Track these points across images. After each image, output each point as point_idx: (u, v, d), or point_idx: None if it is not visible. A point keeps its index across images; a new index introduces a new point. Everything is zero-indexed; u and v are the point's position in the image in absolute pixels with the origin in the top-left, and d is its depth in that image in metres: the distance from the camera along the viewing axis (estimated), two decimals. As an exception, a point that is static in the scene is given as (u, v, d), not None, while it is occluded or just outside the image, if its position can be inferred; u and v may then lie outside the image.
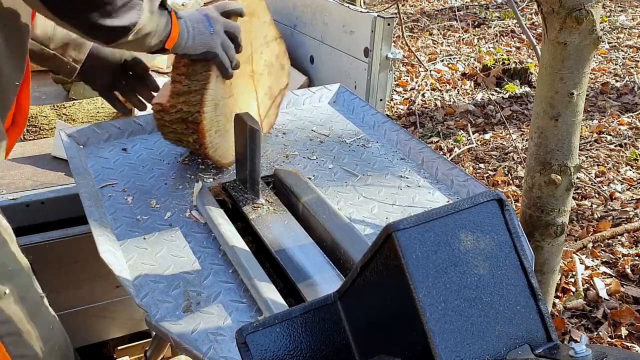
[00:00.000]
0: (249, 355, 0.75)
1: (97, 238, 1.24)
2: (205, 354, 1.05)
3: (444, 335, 0.64)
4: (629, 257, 2.79)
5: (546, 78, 1.86)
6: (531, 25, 6.07)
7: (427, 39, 6.01)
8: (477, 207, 0.71)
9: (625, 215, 3.10)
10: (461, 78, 5.05)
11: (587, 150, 3.80)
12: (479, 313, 0.67)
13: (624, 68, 5.10)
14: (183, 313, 1.13)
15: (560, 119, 1.87)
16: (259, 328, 0.76)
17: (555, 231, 2.04)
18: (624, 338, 2.36)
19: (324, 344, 0.78)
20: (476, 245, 0.69)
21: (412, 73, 5.19)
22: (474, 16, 6.67)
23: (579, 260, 2.77)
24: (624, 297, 2.57)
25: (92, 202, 1.37)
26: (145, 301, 1.15)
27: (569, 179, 1.96)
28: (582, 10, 1.71)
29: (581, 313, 2.53)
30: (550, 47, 1.81)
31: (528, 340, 0.69)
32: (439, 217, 0.69)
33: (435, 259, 0.67)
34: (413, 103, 4.64)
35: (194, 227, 1.37)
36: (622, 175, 3.52)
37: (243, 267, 1.20)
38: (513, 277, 0.70)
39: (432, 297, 0.65)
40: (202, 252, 1.29)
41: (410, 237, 0.67)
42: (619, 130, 4.04)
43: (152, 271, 1.23)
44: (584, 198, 3.30)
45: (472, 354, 0.65)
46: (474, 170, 3.68)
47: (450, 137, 4.12)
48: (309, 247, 1.28)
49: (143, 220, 1.38)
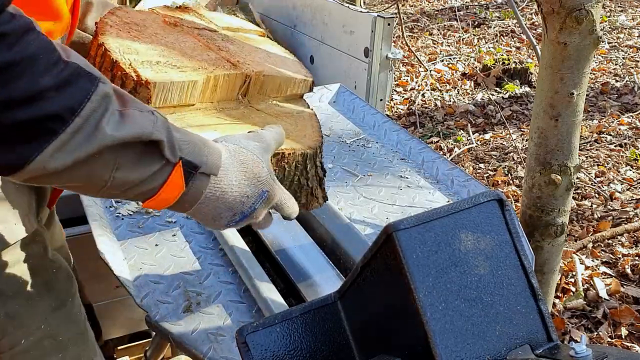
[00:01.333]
0: (249, 355, 0.75)
1: (97, 238, 1.24)
2: (205, 354, 1.05)
3: (444, 335, 0.64)
4: (629, 257, 2.79)
5: (546, 78, 1.86)
6: (531, 25, 6.06)
7: (427, 39, 6.01)
8: (478, 207, 0.71)
9: (625, 216, 3.09)
10: (461, 78, 5.05)
11: (587, 150, 3.80)
12: (480, 313, 0.67)
13: (624, 68, 5.10)
14: (183, 313, 1.13)
15: (561, 119, 1.87)
16: (259, 328, 0.76)
17: (555, 231, 2.04)
18: (624, 338, 2.36)
19: (324, 344, 0.78)
20: (476, 245, 0.69)
21: (412, 73, 5.18)
22: (474, 16, 6.66)
23: (579, 261, 2.77)
24: (624, 297, 2.56)
25: (92, 202, 1.37)
26: (146, 301, 1.15)
27: (569, 179, 1.96)
28: (582, 10, 1.71)
29: (581, 313, 2.53)
30: (550, 47, 1.81)
31: (528, 340, 0.69)
32: (439, 217, 0.69)
33: (436, 259, 0.67)
34: (413, 103, 4.64)
35: (194, 227, 1.37)
36: (622, 175, 3.52)
37: (243, 267, 1.20)
38: (513, 277, 0.70)
39: (432, 297, 0.65)
40: (202, 252, 1.29)
41: (410, 237, 0.67)
42: (619, 130, 4.04)
43: (152, 271, 1.23)
44: (584, 198, 3.30)
45: (473, 354, 0.65)
46: (474, 170, 3.68)
47: (450, 137, 4.12)
48: (309, 247, 1.28)
49: (143, 220, 1.38)
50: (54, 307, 1.01)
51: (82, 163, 0.65)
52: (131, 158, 0.69)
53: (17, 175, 0.64)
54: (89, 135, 0.63)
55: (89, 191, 0.72)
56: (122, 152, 0.67)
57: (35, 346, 0.98)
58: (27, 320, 0.97)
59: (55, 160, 0.63)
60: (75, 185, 0.69)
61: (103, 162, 0.66)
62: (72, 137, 0.62)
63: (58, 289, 1.03)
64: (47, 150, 0.62)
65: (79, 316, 1.08)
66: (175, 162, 0.72)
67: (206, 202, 0.78)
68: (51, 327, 1.00)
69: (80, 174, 0.66)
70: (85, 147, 0.64)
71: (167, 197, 0.74)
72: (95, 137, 0.64)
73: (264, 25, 3.28)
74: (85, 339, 1.09)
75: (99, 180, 0.68)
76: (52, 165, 0.63)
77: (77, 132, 0.62)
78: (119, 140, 0.66)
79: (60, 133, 0.62)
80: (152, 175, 0.71)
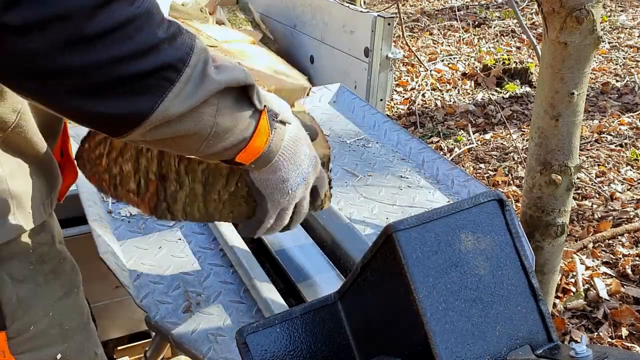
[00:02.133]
0: (249, 356, 0.75)
1: (97, 238, 1.24)
2: (205, 354, 1.05)
3: (445, 335, 0.64)
4: (629, 257, 2.79)
5: (547, 78, 1.86)
6: (531, 25, 6.06)
7: (427, 39, 6.00)
8: (478, 208, 0.70)
9: (625, 216, 3.09)
10: (461, 78, 5.05)
11: (588, 150, 3.80)
12: (480, 313, 0.67)
13: (625, 68, 5.10)
14: (183, 313, 1.13)
15: (561, 119, 1.87)
16: (259, 328, 0.76)
17: (555, 231, 2.04)
18: (624, 338, 2.36)
19: (324, 345, 0.78)
20: (477, 246, 0.69)
21: (412, 73, 5.18)
22: (474, 16, 6.66)
23: (580, 261, 2.77)
24: (624, 297, 2.56)
25: (92, 202, 1.37)
26: (146, 302, 1.15)
27: (569, 179, 1.96)
28: (582, 10, 1.71)
29: (581, 313, 2.53)
30: (551, 47, 1.81)
31: (529, 340, 0.69)
32: (440, 217, 0.68)
33: (436, 260, 0.67)
34: (413, 103, 4.64)
35: (194, 227, 1.37)
36: (622, 176, 3.52)
37: (243, 267, 1.19)
38: (514, 278, 0.70)
39: (432, 298, 0.65)
40: (202, 252, 1.29)
41: (410, 237, 0.66)
42: (619, 130, 4.04)
43: (152, 271, 1.23)
44: (585, 198, 3.30)
45: (473, 355, 0.65)
46: (474, 170, 3.68)
47: (450, 137, 4.12)
48: (309, 247, 1.28)
49: (143, 220, 1.38)
50: (60, 296, 1.03)
51: (194, 109, 0.71)
52: (229, 104, 0.76)
53: (142, 127, 0.69)
54: (199, 82, 0.70)
55: (193, 143, 0.76)
56: (222, 98, 0.74)
57: (43, 333, 1.00)
58: (35, 306, 0.99)
59: (174, 107, 0.69)
60: (185, 135, 0.74)
61: (209, 107, 0.73)
62: (185, 84, 0.69)
63: (64, 278, 1.05)
64: (168, 97, 0.68)
65: (83, 307, 1.10)
66: (261, 109, 0.79)
67: (284, 152, 0.85)
68: (57, 315, 1.02)
69: (192, 120, 0.72)
70: (197, 92, 0.71)
71: (257, 145, 0.80)
72: (204, 82, 0.71)
73: (264, 25, 3.27)
74: (89, 331, 1.11)
75: (205, 127, 0.74)
76: (172, 112, 0.69)
77: (188, 81, 0.69)
78: (224, 84, 0.73)
79: (176, 81, 0.68)
80: (245, 121, 0.78)
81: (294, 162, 0.86)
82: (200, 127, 0.74)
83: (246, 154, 0.81)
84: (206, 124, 0.74)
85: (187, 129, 0.73)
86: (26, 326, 0.96)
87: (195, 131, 0.74)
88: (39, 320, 0.99)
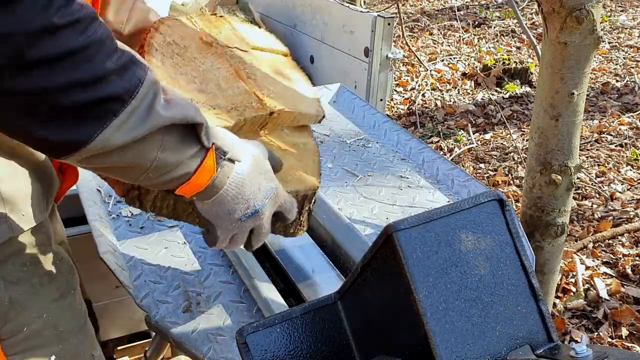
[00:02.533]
0: (249, 356, 0.75)
1: (97, 238, 1.24)
2: (205, 354, 1.05)
3: (445, 335, 0.64)
4: (629, 257, 2.79)
5: (547, 78, 1.86)
6: (531, 25, 6.06)
7: (427, 39, 6.00)
8: (478, 207, 0.70)
9: (625, 216, 3.09)
10: (461, 78, 5.05)
11: (588, 150, 3.80)
12: (480, 313, 0.67)
13: (625, 68, 5.10)
14: (183, 313, 1.13)
15: (561, 119, 1.87)
16: (259, 328, 0.76)
17: (555, 231, 2.04)
18: (625, 338, 2.36)
19: (324, 344, 0.78)
20: (477, 246, 0.69)
21: (412, 73, 5.18)
22: (474, 16, 6.66)
23: (580, 261, 2.77)
24: (624, 297, 2.56)
25: (92, 202, 1.37)
26: (146, 302, 1.15)
27: (569, 179, 1.96)
28: (582, 10, 1.71)
29: (581, 313, 2.53)
30: (551, 47, 1.81)
31: (529, 340, 0.69)
32: (440, 217, 0.68)
33: (436, 259, 0.67)
34: (413, 103, 4.64)
35: (194, 227, 1.36)
36: (622, 176, 3.51)
37: (243, 267, 1.19)
38: (514, 278, 0.70)
39: (432, 298, 0.65)
40: (202, 252, 1.29)
41: (410, 237, 0.66)
42: (619, 130, 4.04)
43: (152, 271, 1.23)
44: (585, 198, 3.30)
45: (473, 354, 0.65)
46: (475, 170, 3.68)
47: (450, 137, 4.12)
48: (309, 247, 1.28)
49: (143, 221, 1.38)
50: (55, 297, 1.03)
51: (136, 142, 0.70)
52: (174, 140, 0.75)
53: (77, 154, 0.68)
54: (144, 115, 0.70)
55: (132, 173, 0.76)
56: (167, 134, 0.73)
57: (37, 335, 0.99)
58: (29, 307, 0.98)
59: (115, 138, 0.68)
60: (124, 166, 0.73)
61: (152, 141, 0.72)
62: (129, 117, 0.68)
63: (60, 279, 1.04)
64: (109, 129, 0.67)
65: (79, 309, 1.10)
66: (209, 146, 0.79)
67: (229, 189, 0.83)
68: (52, 317, 1.02)
69: (132, 153, 0.72)
70: (141, 126, 0.69)
71: (200, 181, 0.80)
72: (150, 116, 0.70)
73: (264, 25, 3.27)
74: (85, 333, 1.10)
75: (146, 161, 0.73)
76: (112, 143, 0.68)
77: (133, 113, 0.68)
78: (169, 121, 0.72)
79: (120, 113, 0.67)
80: (189, 158, 0.77)
81: (242, 196, 0.85)
82: (141, 160, 0.73)
83: (187, 188, 0.80)
84: (147, 158, 0.73)
85: (127, 160, 0.72)
86: (19, 327, 0.96)
87: (137, 164, 0.73)
88: (32, 322, 0.98)
